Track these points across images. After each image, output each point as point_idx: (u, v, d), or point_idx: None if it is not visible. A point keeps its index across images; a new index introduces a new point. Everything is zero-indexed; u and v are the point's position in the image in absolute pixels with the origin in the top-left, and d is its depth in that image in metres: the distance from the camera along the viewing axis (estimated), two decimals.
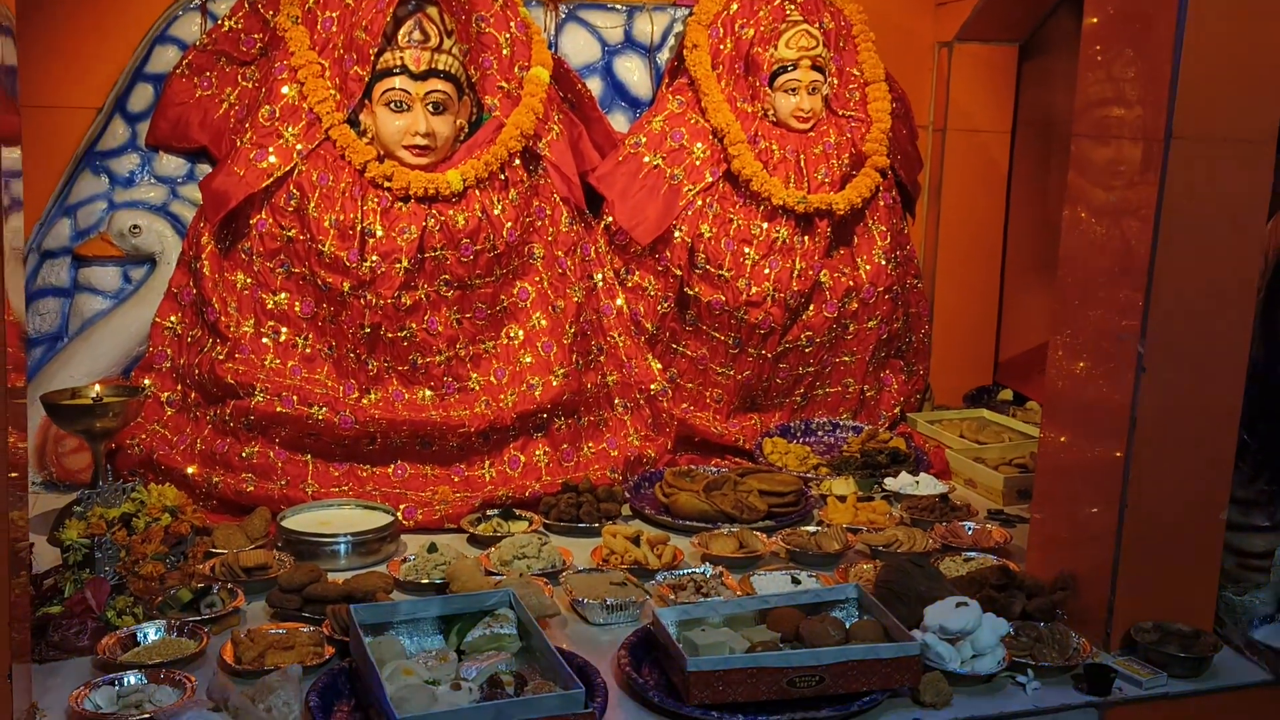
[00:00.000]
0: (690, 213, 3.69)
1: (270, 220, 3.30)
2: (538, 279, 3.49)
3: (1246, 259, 2.47)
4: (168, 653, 2.33)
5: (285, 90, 3.33)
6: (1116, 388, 2.47)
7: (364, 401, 3.30)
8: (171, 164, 3.55)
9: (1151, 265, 2.38)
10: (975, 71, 4.30)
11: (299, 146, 3.29)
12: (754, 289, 3.67)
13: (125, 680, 2.21)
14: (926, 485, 3.40)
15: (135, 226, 3.46)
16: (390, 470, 3.31)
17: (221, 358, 3.24)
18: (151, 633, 2.40)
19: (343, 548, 2.87)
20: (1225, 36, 2.34)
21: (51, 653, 2.35)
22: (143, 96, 3.53)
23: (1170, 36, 2.33)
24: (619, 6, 3.90)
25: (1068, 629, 2.46)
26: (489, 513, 3.16)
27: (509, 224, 3.39)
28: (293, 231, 3.28)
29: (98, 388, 3.04)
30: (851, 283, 3.81)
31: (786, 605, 2.42)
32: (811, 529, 3.07)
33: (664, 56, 3.94)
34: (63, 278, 3.49)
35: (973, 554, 2.91)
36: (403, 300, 3.28)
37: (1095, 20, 2.56)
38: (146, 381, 3.33)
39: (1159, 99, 2.37)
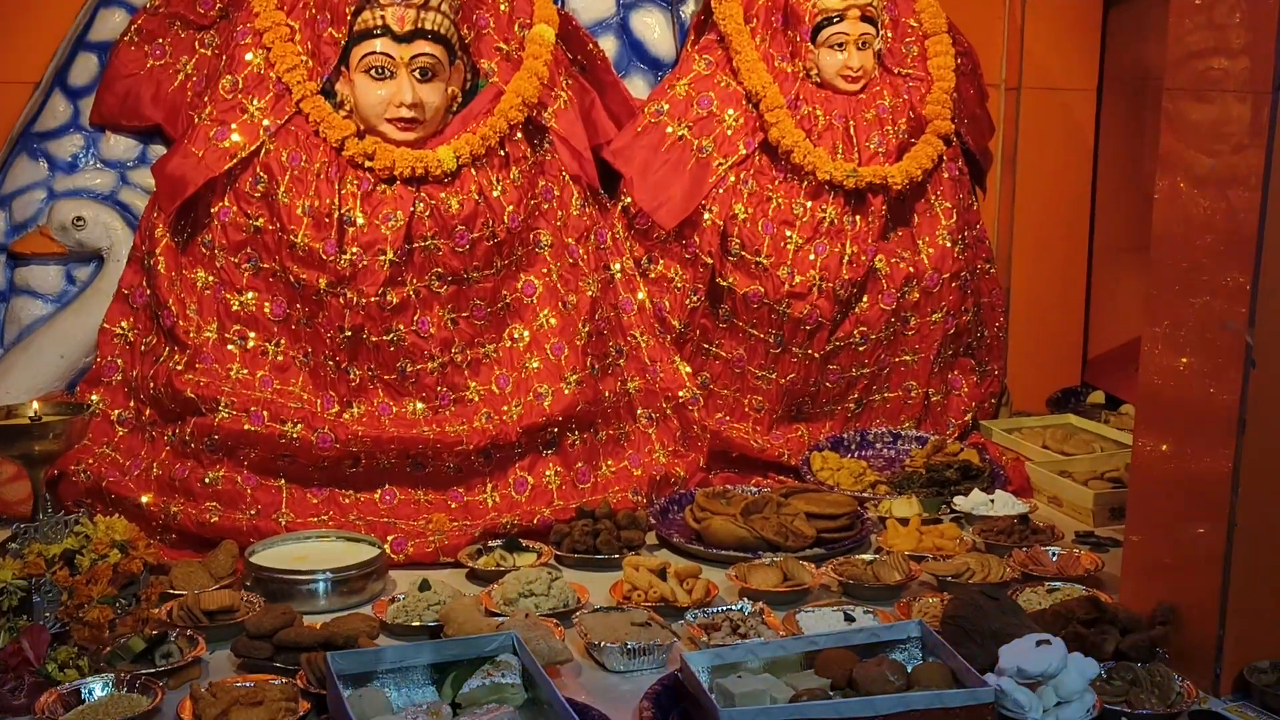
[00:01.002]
0: (722, 190, 3.69)
1: (234, 208, 3.31)
2: (545, 271, 3.50)
3: None
4: (117, 711, 2.32)
5: (249, 57, 3.35)
6: (1223, 386, 2.45)
7: (345, 417, 3.31)
8: (120, 145, 3.58)
9: (1260, 242, 2.35)
10: (1054, 20, 4.28)
11: (266, 122, 3.30)
12: (797, 278, 3.66)
13: None
14: (1003, 504, 3.38)
15: (79, 218, 3.48)
16: (377, 496, 3.32)
17: (180, 368, 3.26)
18: (98, 688, 2.40)
19: (321, 586, 2.87)
20: None
21: None
22: (85, 68, 3.55)
23: None
24: None
25: (1169, 670, 2.43)
26: (491, 544, 3.16)
27: (510, 207, 3.39)
28: (260, 221, 3.29)
29: (36, 405, 3.03)
30: (912, 269, 3.80)
31: (838, 647, 2.40)
32: (868, 557, 3.06)
33: (689, 9, 3.94)
34: None
35: (1057, 584, 2.89)
36: (388, 298, 3.29)
37: None
38: (94, 397, 3.35)
39: (1268, 47, 2.34)
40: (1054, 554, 3.06)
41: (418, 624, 2.70)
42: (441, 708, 2.24)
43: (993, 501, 3.41)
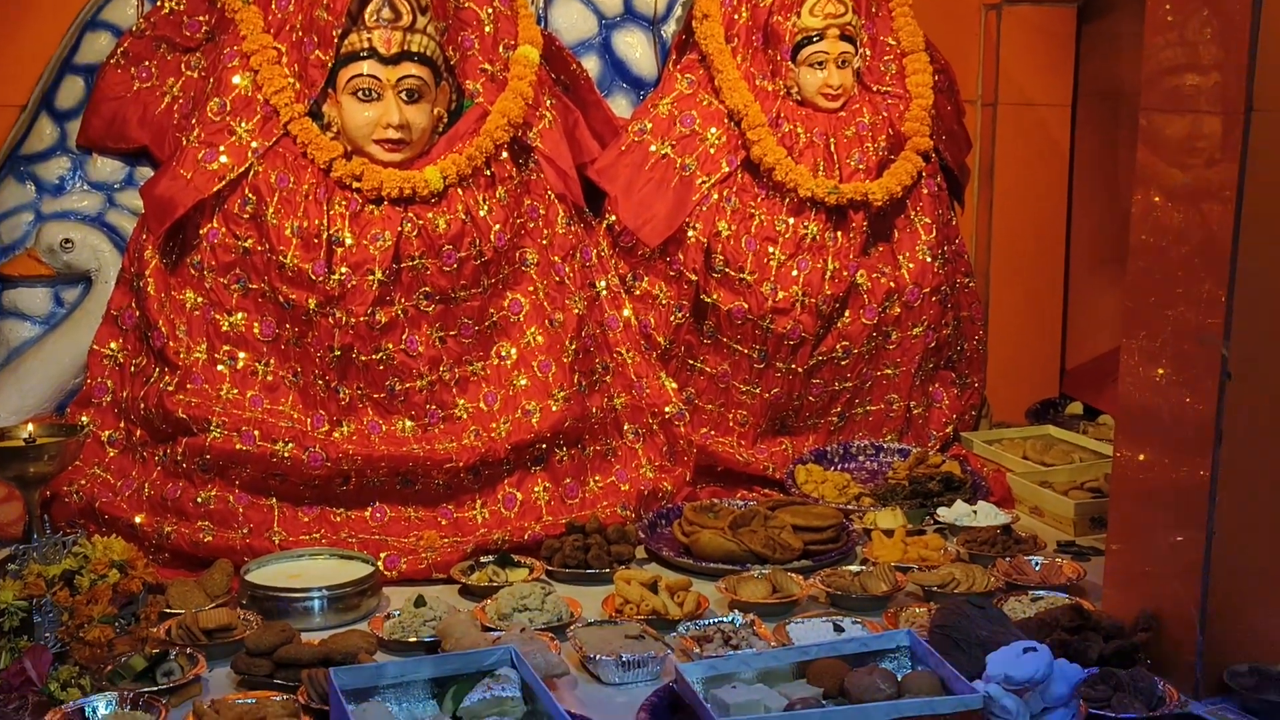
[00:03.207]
0: (705, 208, 3.74)
1: (223, 229, 3.34)
2: (532, 289, 3.54)
3: None
4: None
5: (236, 80, 3.39)
6: (1200, 397, 2.50)
7: (335, 435, 3.34)
8: (107, 167, 3.61)
9: (1234, 255, 2.41)
10: (1029, 37, 4.35)
11: (254, 144, 3.34)
12: (780, 294, 3.71)
13: None
14: (986, 515, 3.44)
15: (67, 241, 3.50)
16: (368, 514, 3.34)
17: (171, 389, 3.28)
18: (101, 706, 2.42)
19: (317, 604, 2.90)
20: None
21: None
22: (72, 91, 3.59)
23: None
24: None
25: (1151, 675, 2.48)
26: (483, 560, 3.19)
27: (497, 226, 3.44)
28: (249, 242, 3.33)
29: (30, 427, 3.05)
30: (893, 284, 3.85)
31: (829, 656, 2.45)
32: (855, 569, 3.09)
33: (670, 30, 3.99)
34: None
35: (1041, 593, 2.94)
36: (377, 317, 3.32)
37: None
38: (84, 419, 3.37)
39: (1240, 63, 2.41)
40: (1037, 563, 3.12)
41: (415, 640, 2.74)
42: None
43: (975, 512, 3.46)
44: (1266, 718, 2.41)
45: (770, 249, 3.75)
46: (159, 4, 3.56)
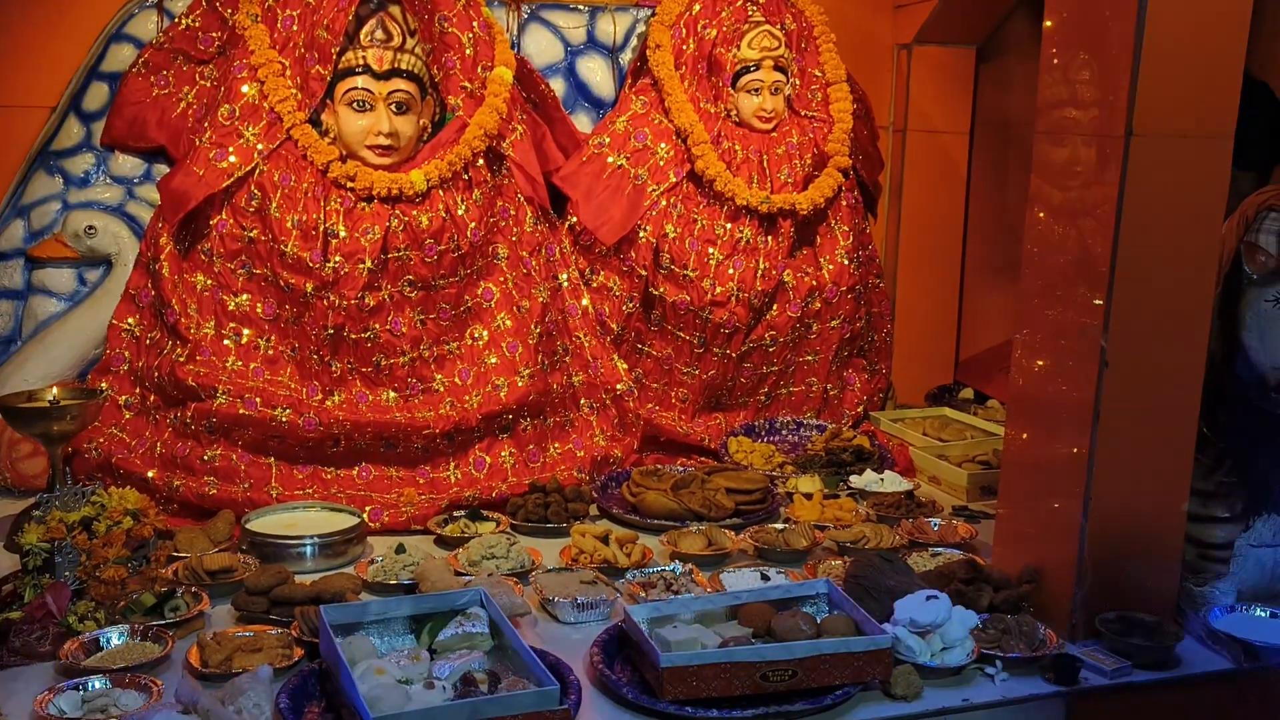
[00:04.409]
0: (655, 213, 3.71)
1: (231, 221, 3.27)
2: (502, 279, 3.49)
3: (1205, 256, 2.51)
4: (132, 657, 2.30)
5: (245, 89, 3.31)
6: (1078, 385, 2.51)
7: (328, 403, 3.28)
8: (128, 164, 3.52)
9: (1114, 261, 2.42)
10: (934, 73, 4.35)
11: (260, 146, 3.27)
12: (718, 289, 3.69)
13: (90, 685, 2.18)
14: (891, 482, 3.44)
15: (90, 227, 3.43)
16: (355, 472, 3.29)
17: (182, 359, 3.22)
18: (114, 637, 2.37)
19: (309, 550, 2.85)
20: (1181, 35, 2.39)
21: (12, 659, 2.32)
22: (98, 95, 3.50)
23: (1129, 36, 2.37)
24: (581, 7, 3.91)
25: (1034, 620, 2.49)
26: (456, 514, 3.15)
27: (473, 224, 3.39)
28: (254, 232, 3.26)
29: (55, 390, 3.00)
30: (815, 282, 3.85)
31: (757, 601, 2.44)
32: (779, 526, 3.10)
33: (627, 57, 3.95)
34: (16, 280, 3.45)
35: (939, 549, 2.95)
36: (366, 301, 3.27)
37: (1051, 24, 2.61)
38: (104, 384, 3.30)
39: (1115, 99, 2.41)
40: (935, 524, 3.12)
41: (394, 582, 2.70)
42: (420, 653, 2.24)
43: (883, 480, 3.46)
44: (1130, 657, 2.42)
45: (710, 250, 3.72)
46: (177, 20, 3.48)
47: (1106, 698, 2.36)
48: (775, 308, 3.81)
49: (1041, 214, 2.63)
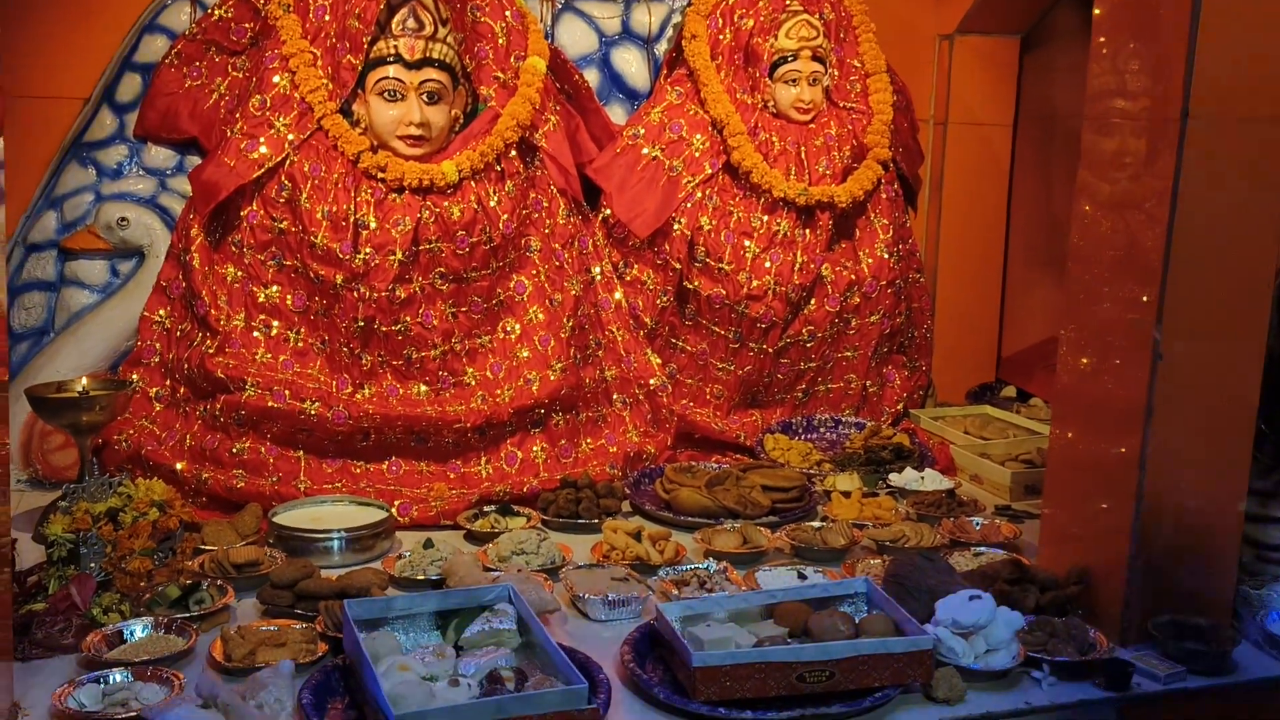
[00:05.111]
0: (689, 205, 3.64)
1: (261, 212, 3.23)
2: (534, 272, 3.43)
3: (1262, 247, 2.41)
4: (155, 650, 2.25)
5: (276, 80, 3.27)
6: (1127, 382, 2.42)
7: (357, 396, 3.23)
8: (160, 155, 3.49)
9: (1168, 250, 2.33)
10: (977, 64, 4.26)
11: (290, 137, 3.23)
12: (754, 283, 3.61)
13: (111, 678, 2.13)
14: (932, 481, 3.35)
15: (123, 219, 3.40)
16: (384, 467, 3.24)
17: (211, 352, 3.17)
18: (138, 630, 2.33)
19: (336, 544, 2.80)
20: (1238, 17, 2.29)
21: (35, 650, 2.27)
22: (131, 87, 3.47)
23: (1184, 20, 2.28)
24: None
25: (1083, 623, 2.40)
26: (486, 509, 3.09)
27: (505, 216, 3.33)
28: (284, 223, 3.21)
29: (85, 381, 2.97)
30: (853, 276, 3.76)
31: (794, 600, 2.36)
32: (816, 524, 3.02)
33: (662, 48, 3.88)
34: (49, 271, 3.43)
35: (982, 549, 2.86)
36: (397, 293, 3.21)
37: (1101, 11, 2.52)
38: (134, 376, 3.26)
39: (1169, 86, 2.32)
40: (977, 523, 3.03)
41: (422, 578, 2.64)
42: (446, 649, 2.19)
43: (923, 478, 3.37)
44: (1183, 662, 2.32)
45: (746, 243, 3.64)
46: (209, 11, 3.45)
47: (1159, 704, 2.26)
48: (813, 302, 3.73)
49: (1088, 207, 2.55)
